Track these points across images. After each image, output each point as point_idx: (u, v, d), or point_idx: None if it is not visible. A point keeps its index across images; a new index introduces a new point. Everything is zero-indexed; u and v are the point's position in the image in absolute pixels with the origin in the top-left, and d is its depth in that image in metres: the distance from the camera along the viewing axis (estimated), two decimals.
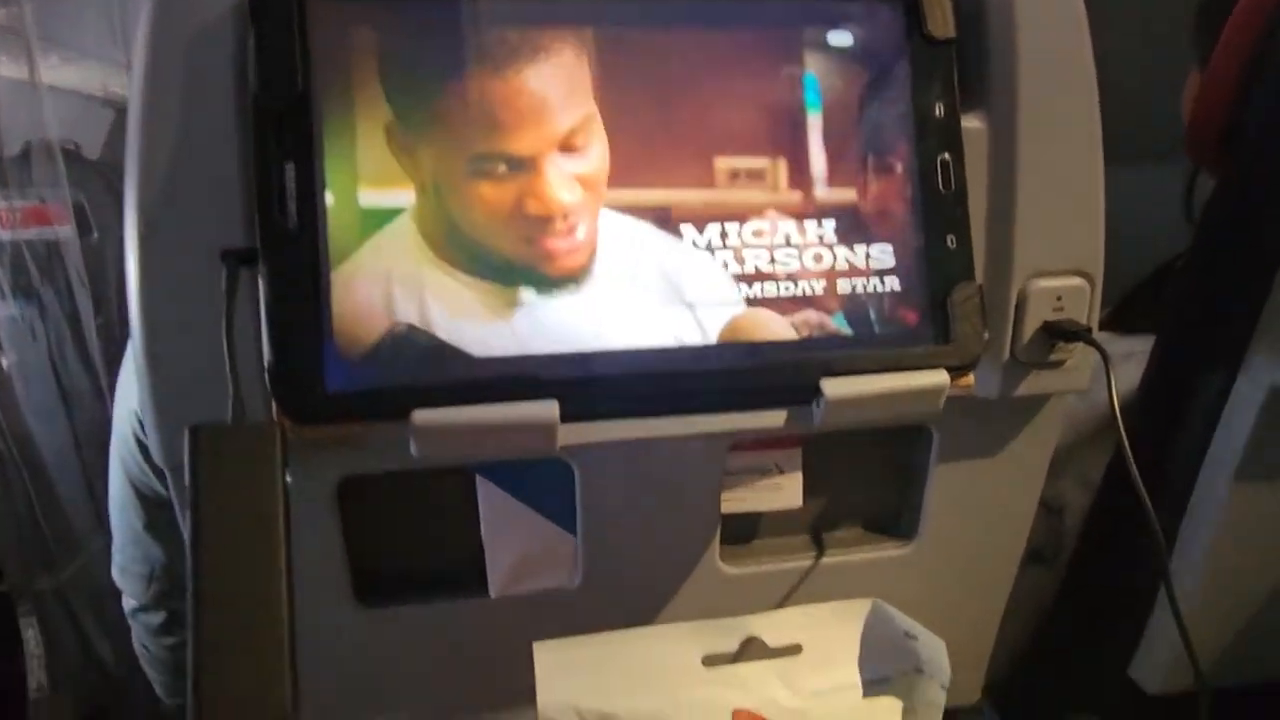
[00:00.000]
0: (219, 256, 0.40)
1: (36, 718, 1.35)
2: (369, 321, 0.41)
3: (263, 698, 0.35)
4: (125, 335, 1.52)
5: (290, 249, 0.40)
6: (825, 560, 0.61)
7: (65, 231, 1.51)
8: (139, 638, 0.76)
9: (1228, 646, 0.71)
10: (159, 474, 0.64)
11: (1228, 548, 0.66)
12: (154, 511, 0.67)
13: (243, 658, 0.36)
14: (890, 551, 0.61)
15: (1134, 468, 0.49)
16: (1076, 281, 0.52)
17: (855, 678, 0.41)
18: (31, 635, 1.37)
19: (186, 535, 0.38)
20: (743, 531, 0.61)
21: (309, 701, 0.61)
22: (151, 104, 0.41)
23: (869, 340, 0.47)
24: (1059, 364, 0.53)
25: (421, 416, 0.41)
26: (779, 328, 0.45)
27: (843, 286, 0.47)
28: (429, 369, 0.42)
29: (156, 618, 0.74)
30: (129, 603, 0.74)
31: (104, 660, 1.40)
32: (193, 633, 0.36)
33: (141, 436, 0.63)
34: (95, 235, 1.56)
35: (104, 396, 1.52)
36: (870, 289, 0.47)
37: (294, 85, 0.40)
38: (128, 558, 0.71)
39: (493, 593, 0.57)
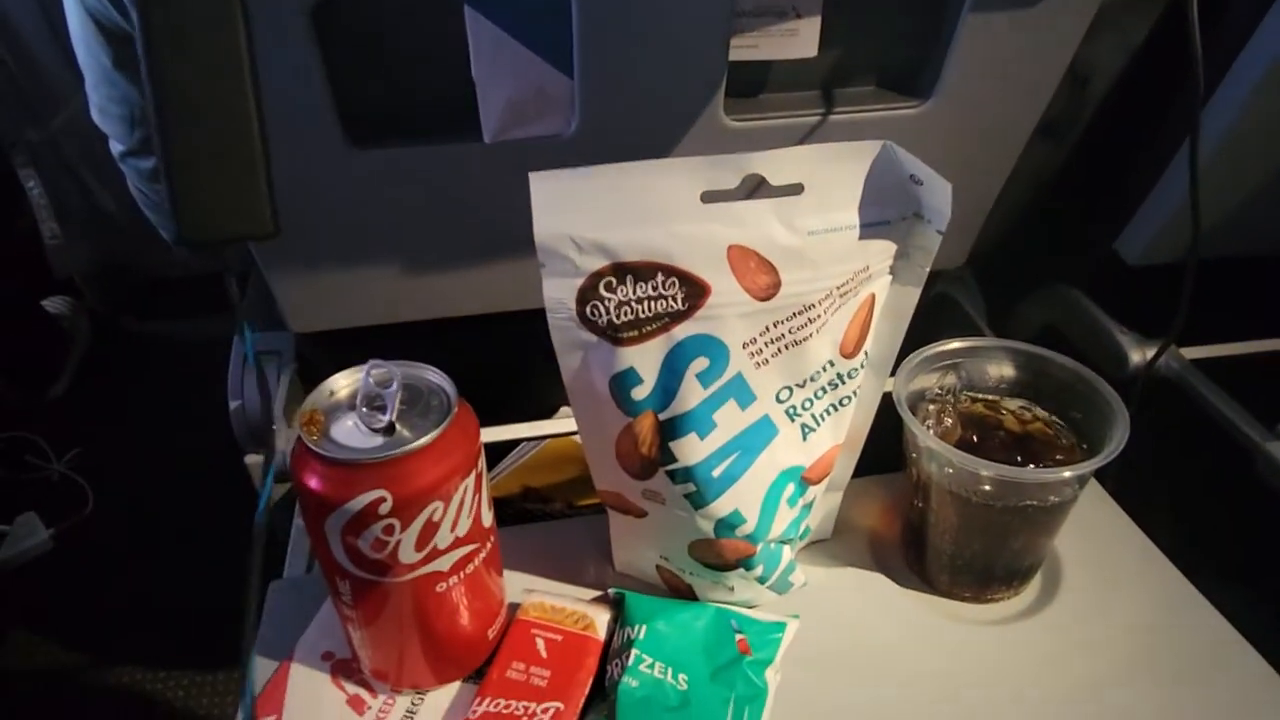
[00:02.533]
0: None
1: (56, 263, 1.41)
2: None
3: (243, 214, 0.35)
4: None
5: None
6: (833, 118, 0.58)
7: None
8: (133, 182, 0.75)
9: (1220, 221, 0.72)
10: (116, 3, 0.58)
11: (1252, 122, 0.63)
12: (121, 48, 0.62)
13: (219, 175, 0.35)
14: (903, 110, 0.59)
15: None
16: None
17: (854, 220, 0.41)
18: (34, 186, 1.38)
19: (140, 50, 0.34)
20: (750, 83, 0.58)
21: (306, 245, 0.62)
22: None
23: None
24: None
25: None
26: None
27: None
28: None
29: (146, 163, 0.72)
30: (115, 147, 0.72)
31: (108, 210, 1.43)
32: (162, 154, 0.35)
33: None
34: None
35: None
36: None
37: None
38: (103, 97, 0.68)
39: (486, 137, 0.55)
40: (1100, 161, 0.75)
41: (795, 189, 0.40)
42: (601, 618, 0.50)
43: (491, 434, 0.72)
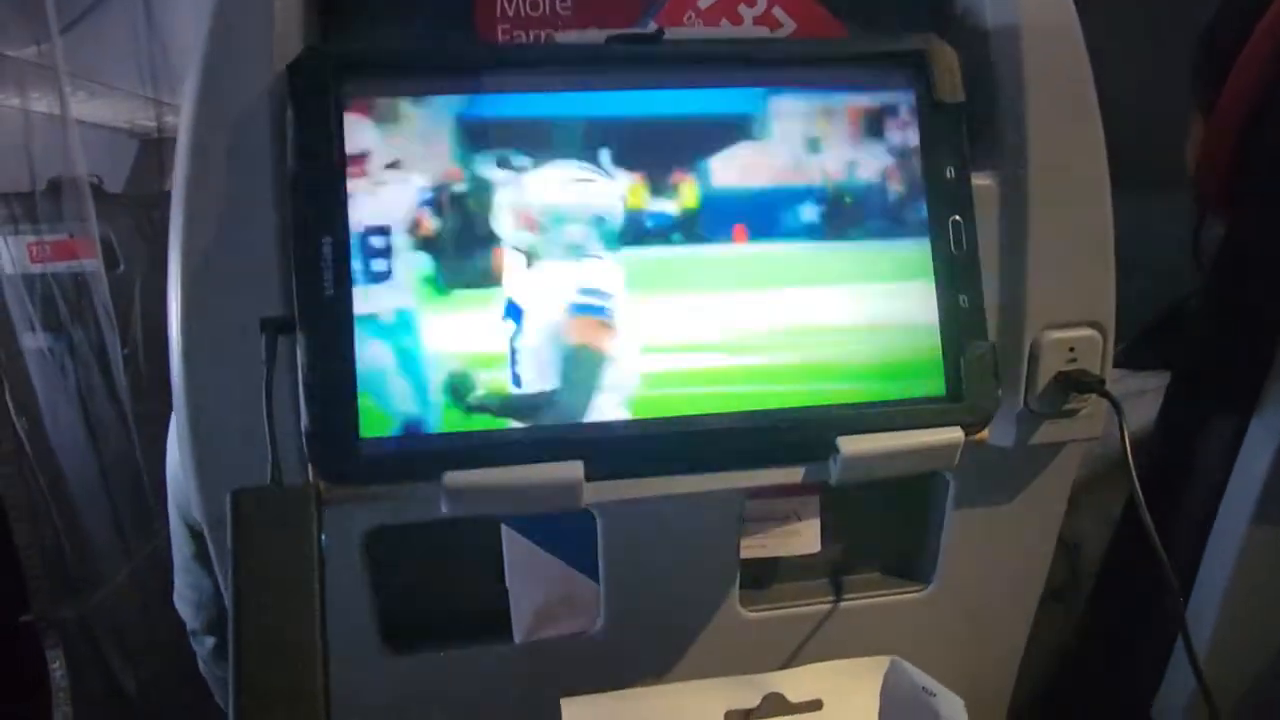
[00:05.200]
0: (257, 325, 0.42)
1: None
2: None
3: None
4: (151, 368, 1.53)
5: (327, 318, 0.42)
6: (843, 604, 0.62)
7: (92, 265, 1.54)
8: (200, 659, 0.80)
9: (1249, 686, 0.71)
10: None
11: (1246, 588, 0.66)
12: (201, 543, 0.70)
13: (280, 714, 0.37)
14: (908, 595, 0.62)
15: (1146, 515, 0.50)
16: (1089, 333, 0.53)
17: None
18: (58, 668, 1.39)
19: (227, 596, 0.39)
20: (762, 575, 0.62)
21: None
22: (194, 179, 0.43)
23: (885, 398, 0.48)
24: (1073, 413, 0.54)
25: (453, 478, 0.43)
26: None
27: None
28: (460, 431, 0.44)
29: (209, 641, 0.77)
30: (189, 624, 0.78)
31: (126, 690, 1.42)
32: (233, 689, 0.38)
33: None
34: (121, 268, 1.59)
35: (129, 428, 1.55)
36: None
37: (331, 162, 0.42)
38: (182, 584, 0.76)
39: (517, 638, 0.58)
40: (1113, 627, 0.76)
41: (815, 705, 0.42)
42: None
43: None
